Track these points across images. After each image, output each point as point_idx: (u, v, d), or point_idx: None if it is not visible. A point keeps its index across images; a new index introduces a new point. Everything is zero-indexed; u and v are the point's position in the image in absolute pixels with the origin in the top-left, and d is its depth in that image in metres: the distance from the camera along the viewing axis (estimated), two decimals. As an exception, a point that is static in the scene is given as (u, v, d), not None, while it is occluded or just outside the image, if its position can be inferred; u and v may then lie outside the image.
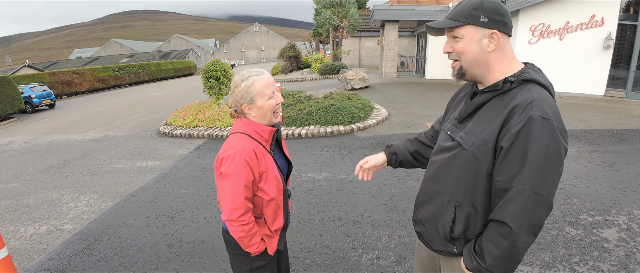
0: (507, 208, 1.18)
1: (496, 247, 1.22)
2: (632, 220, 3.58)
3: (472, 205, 1.31)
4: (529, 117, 1.14)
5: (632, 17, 10.42)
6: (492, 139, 1.22)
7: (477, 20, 1.23)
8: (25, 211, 4.76)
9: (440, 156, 1.41)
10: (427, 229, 1.48)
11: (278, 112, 1.71)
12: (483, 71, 1.30)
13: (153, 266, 3.24)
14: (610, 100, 10.37)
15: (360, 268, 3.03)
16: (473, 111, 1.34)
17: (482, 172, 1.26)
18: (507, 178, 1.18)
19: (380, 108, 9.49)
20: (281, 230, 1.80)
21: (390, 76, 16.82)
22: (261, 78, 1.64)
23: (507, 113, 1.19)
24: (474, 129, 1.30)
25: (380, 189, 4.62)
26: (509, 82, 1.25)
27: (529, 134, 1.14)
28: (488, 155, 1.24)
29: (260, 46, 78.84)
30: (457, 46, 1.30)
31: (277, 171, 1.69)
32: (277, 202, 1.71)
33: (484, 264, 1.26)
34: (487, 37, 1.25)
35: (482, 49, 1.26)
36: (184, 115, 9.50)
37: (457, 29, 1.27)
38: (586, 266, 2.89)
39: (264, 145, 1.69)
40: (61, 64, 49.06)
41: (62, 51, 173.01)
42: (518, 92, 1.22)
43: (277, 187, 1.68)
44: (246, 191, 1.58)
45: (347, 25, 21.91)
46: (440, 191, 1.40)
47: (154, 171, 5.99)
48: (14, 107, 15.44)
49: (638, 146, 5.96)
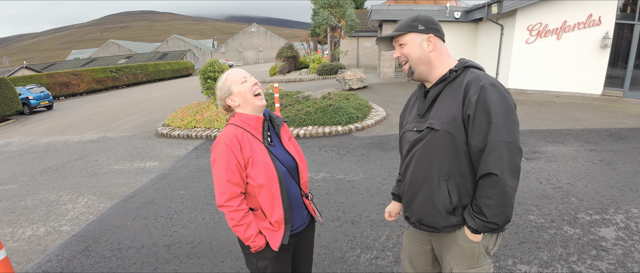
0: (488, 161, 1.41)
1: (490, 198, 1.43)
2: (630, 218, 3.60)
3: (458, 174, 1.52)
4: (481, 86, 1.44)
5: (629, 16, 10.46)
6: (459, 113, 1.47)
7: (416, 28, 1.57)
8: (23, 212, 4.75)
9: (416, 148, 1.61)
10: (427, 212, 1.62)
11: (258, 94, 1.76)
12: (427, 68, 1.60)
13: (151, 267, 3.23)
14: (607, 99, 10.40)
15: (359, 268, 3.03)
16: (431, 103, 1.59)
17: (458, 143, 1.48)
18: (481, 139, 1.42)
19: (379, 108, 9.50)
20: (285, 223, 1.73)
21: (388, 76, 16.83)
22: (232, 71, 1.79)
23: (464, 90, 1.48)
24: (438, 113, 1.53)
25: (379, 189, 4.63)
26: (454, 71, 1.56)
27: (485, 98, 1.41)
28: (459, 128, 1.47)
29: (258, 46, 78.77)
30: (403, 50, 1.61)
31: (268, 159, 1.69)
32: (270, 190, 1.67)
33: (485, 218, 1.45)
34: (425, 41, 1.57)
35: (423, 50, 1.58)
36: (182, 116, 9.50)
37: (402, 37, 1.60)
38: (584, 265, 2.90)
39: (252, 133, 1.72)
40: (59, 65, 48.97)
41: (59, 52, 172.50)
42: (463, 76, 1.53)
43: (266, 173, 1.65)
44: (229, 175, 1.63)
45: (344, 25, 21.91)
46: (426, 176, 1.57)
47: (152, 172, 5.98)
48: (11, 108, 15.39)
49: (635, 145, 5.99)
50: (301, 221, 1.88)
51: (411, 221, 1.74)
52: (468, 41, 15.44)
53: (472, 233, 1.54)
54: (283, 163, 1.76)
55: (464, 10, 15.03)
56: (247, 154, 1.66)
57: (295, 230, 1.85)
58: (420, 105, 1.66)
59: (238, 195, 1.66)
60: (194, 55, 57.37)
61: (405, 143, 1.71)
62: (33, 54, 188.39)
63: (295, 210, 1.82)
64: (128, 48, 74.32)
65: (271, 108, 9.05)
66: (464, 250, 1.59)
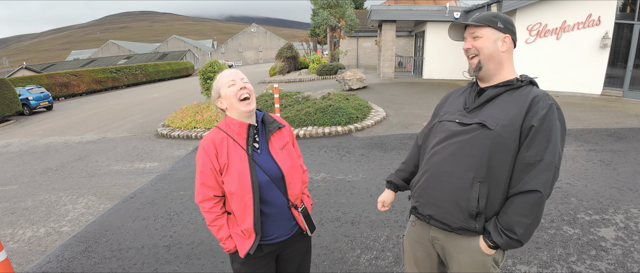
0: (539, 178, 1.39)
1: (527, 216, 1.40)
2: (629, 218, 3.60)
3: (494, 180, 1.47)
4: (550, 104, 1.44)
5: (629, 16, 10.47)
6: (518, 121, 1.44)
7: (495, 24, 1.53)
8: (23, 213, 4.75)
9: (455, 139, 1.55)
10: (445, 208, 1.56)
11: (244, 99, 1.68)
12: (496, 67, 1.55)
13: (152, 268, 3.24)
14: (607, 99, 10.40)
15: (359, 268, 3.03)
16: (485, 101, 1.55)
17: (509, 149, 1.45)
18: (535, 153, 1.41)
19: (378, 108, 9.50)
20: (255, 233, 1.70)
21: (388, 76, 16.84)
22: (225, 72, 1.74)
23: (530, 101, 1.45)
24: (494, 114, 1.49)
25: (378, 189, 4.63)
26: (520, 81, 1.54)
27: (553, 117, 1.42)
28: (514, 134, 1.44)
29: (258, 46, 78.75)
30: (477, 43, 1.55)
31: (244, 167, 1.65)
32: (241, 199, 1.65)
33: (515, 236, 1.42)
34: (501, 40, 1.53)
35: (497, 48, 1.53)
36: (182, 116, 9.50)
37: (479, 29, 1.55)
38: (584, 265, 2.90)
39: (235, 139, 1.69)
40: (59, 65, 48.95)
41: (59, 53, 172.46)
42: (526, 89, 1.51)
43: (239, 182, 1.63)
44: (203, 178, 1.67)
45: (344, 25, 21.91)
46: (458, 170, 1.51)
47: (152, 173, 5.99)
48: (11, 109, 15.39)
49: (635, 145, 5.99)
50: (282, 232, 1.79)
51: (419, 212, 1.69)
52: (468, 41, 15.43)
53: (488, 248, 1.50)
54: (266, 172, 1.69)
55: (464, 10, 15.04)
56: (222, 161, 1.66)
57: (275, 240, 1.79)
58: (470, 100, 1.61)
59: (211, 198, 1.70)
60: (193, 55, 57.37)
61: (440, 132, 1.64)
62: (33, 54, 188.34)
63: (277, 220, 1.76)
64: (128, 48, 74.26)
65: (271, 108, 9.05)
66: (475, 260, 1.54)
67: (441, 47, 15.73)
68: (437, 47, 15.87)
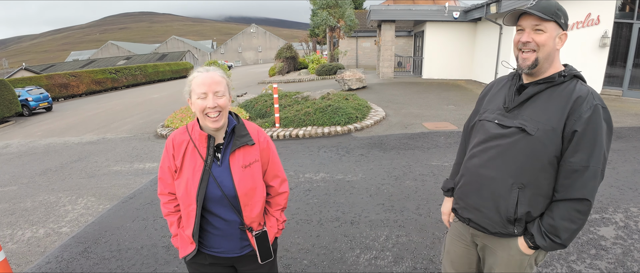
0: (585, 185, 1.35)
1: (574, 222, 1.37)
2: (629, 217, 3.60)
3: (535, 186, 1.42)
4: (595, 105, 1.34)
5: (628, 15, 10.47)
6: (560, 125, 1.36)
7: (560, 19, 1.39)
8: (22, 214, 4.75)
9: (495, 143, 1.50)
10: (484, 214, 1.54)
11: (211, 117, 1.53)
12: (549, 64, 1.44)
13: (151, 268, 3.23)
14: (606, 98, 10.40)
15: (358, 268, 3.03)
16: (524, 100, 1.46)
17: (550, 155, 1.38)
18: (583, 158, 1.34)
19: (378, 108, 9.50)
20: (195, 242, 1.64)
21: (388, 76, 16.84)
22: (200, 76, 1.53)
23: (572, 103, 1.36)
24: (535, 116, 1.41)
25: (378, 189, 4.63)
26: (562, 76, 1.42)
27: (598, 120, 1.33)
28: (556, 139, 1.37)
29: (258, 47, 78.77)
30: (539, 38, 1.39)
31: (195, 176, 1.57)
32: (186, 207, 1.60)
33: (559, 240, 1.39)
34: (559, 37, 1.41)
35: (554, 46, 1.41)
36: (182, 117, 9.49)
37: (545, 22, 1.38)
38: (584, 264, 2.90)
39: (196, 146, 1.60)
40: (58, 66, 48.89)
41: (59, 54, 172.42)
42: (569, 85, 1.41)
43: (185, 191, 1.58)
44: (160, 172, 1.71)
45: (343, 25, 21.91)
46: (497, 176, 1.47)
47: (151, 173, 5.98)
48: (10, 110, 15.38)
49: (635, 144, 5.99)
50: (231, 248, 1.68)
51: (459, 214, 1.68)
52: (467, 41, 15.46)
53: (528, 248, 1.48)
54: (220, 187, 1.58)
55: (463, 10, 15.04)
56: (177, 163, 1.62)
57: (222, 254, 1.70)
58: (510, 98, 1.51)
59: (167, 194, 1.72)
60: (193, 56, 57.35)
61: (480, 132, 1.59)
62: (32, 55, 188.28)
63: (225, 236, 1.66)
64: (127, 49, 74.27)
65: (271, 108, 9.05)
66: (513, 259, 1.53)
67: (440, 47, 15.73)
68: (436, 47, 15.86)
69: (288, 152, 6.48)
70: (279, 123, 8.17)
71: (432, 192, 4.44)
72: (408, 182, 4.79)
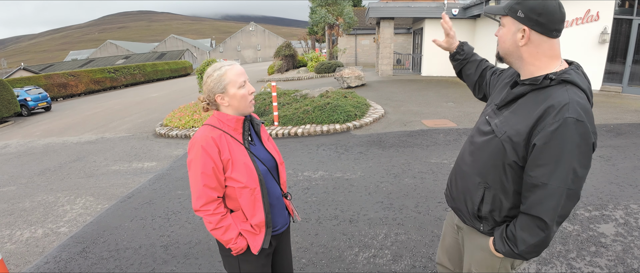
0: (543, 205, 1.26)
1: (532, 236, 1.31)
2: (629, 214, 3.59)
3: (500, 189, 1.41)
4: (564, 119, 1.19)
5: (628, 12, 10.44)
6: (525, 132, 1.28)
7: (515, 13, 1.32)
8: (21, 214, 4.73)
9: (476, 139, 1.52)
10: (458, 205, 1.62)
11: (251, 101, 1.71)
12: (516, 61, 1.39)
13: (149, 268, 3.22)
14: (606, 94, 10.39)
15: (357, 267, 3.02)
16: (511, 100, 1.41)
17: (509, 160, 1.34)
18: (540, 175, 1.25)
19: (377, 106, 9.49)
20: (265, 226, 1.69)
21: (387, 73, 16.81)
22: (233, 67, 1.66)
23: (542, 111, 1.24)
24: (508, 119, 1.37)
25: (377, 187, 4.61)
26: (549, 79, 1.29)
27: (563, 135, 1.19)
28: (518, 147, 1.31)
29: (257, 45, 78.61)
30: (499, 32, 1.41)
31: (248, 159, 1.64)
32: (252, 191, 1.63)
33: (516, 250, 1.36)
34: (520, 32, 1.32)
35: (514, 42, 1.35)
36: (180, 116, 9.47)
37: (503, 16, 1.38)
38: (583, 261, 2.89)
39: (232, 135, 1.66)
40: (57, 66, 48.83)
41: (57, 53, 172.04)
42: (556, 90, 1.26)
43: (247, 174, 1.61)
44: (205, 179, 1.58)
45: (342, 23, 21.86)
46: (470, 172, 1.51)
47: (150, 173, 5.96)
48: (9, 110, 15.35)
49: (635, 141, 5.98)
50: (283, 222, 1.85)
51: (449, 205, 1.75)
52: (466, 38, 15.42)
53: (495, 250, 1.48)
54: (263, 162, 1.73)
55: (462, 6, 15.01)
56: (225, 157, 1.61)
57: (277, 231, 1.82)
58: (504, 95, 1.46)
59: (215, 199, 1.62)
60: (192, 55, 57.29)
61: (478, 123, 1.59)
62: (31, 55, 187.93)
63: (277, 210, 1.79)
64: (126, 48, 74.13)
65: (269, 107, 9.03)
66: (486, 258, 1.54)
67: (440, 44, 15.68)
68: (435, 45, 15.81)
69: (287, 150, 6.46)
70: (278, 121, 8.15)
71: (431, 190, 4.42)
72: (407, 180, 4.78)
